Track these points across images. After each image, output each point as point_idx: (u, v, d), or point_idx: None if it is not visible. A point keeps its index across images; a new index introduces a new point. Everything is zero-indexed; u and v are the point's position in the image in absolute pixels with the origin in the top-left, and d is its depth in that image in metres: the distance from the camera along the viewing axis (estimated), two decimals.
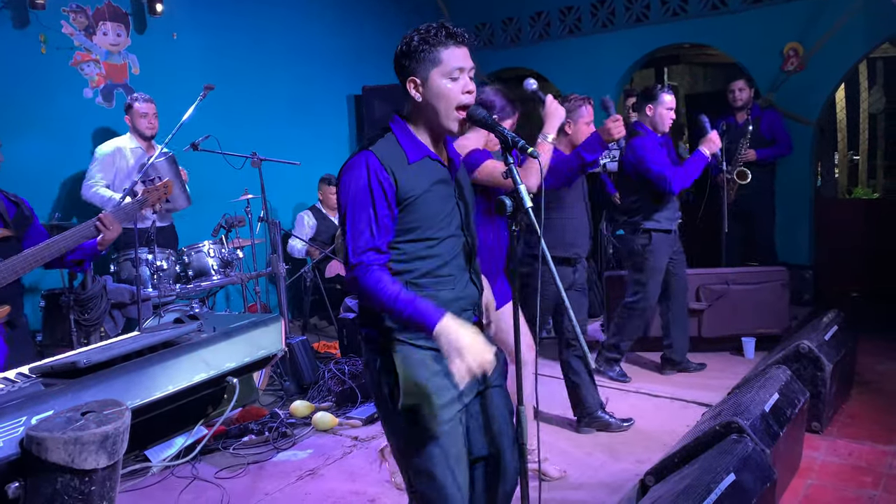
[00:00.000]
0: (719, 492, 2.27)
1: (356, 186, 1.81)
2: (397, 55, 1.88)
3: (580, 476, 3.13)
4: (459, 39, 1.85)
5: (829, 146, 8.11)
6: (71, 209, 4.87)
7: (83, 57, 5.00)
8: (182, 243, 4.78)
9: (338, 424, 3.75)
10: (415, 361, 1.84)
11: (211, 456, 3.45)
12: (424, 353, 1.85)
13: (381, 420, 1.99)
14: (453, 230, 1.90)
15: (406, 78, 1.87)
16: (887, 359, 4.51)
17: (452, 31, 1.85)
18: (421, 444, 1.85)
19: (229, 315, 2.35)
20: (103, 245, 2.71)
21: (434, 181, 1.87)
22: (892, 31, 5.58)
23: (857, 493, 2.91)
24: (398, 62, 1.88)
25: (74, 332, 3.70)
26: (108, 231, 2.66)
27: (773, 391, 2.99)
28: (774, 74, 5.94)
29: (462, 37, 1.86)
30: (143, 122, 4.55)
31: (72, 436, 1.42)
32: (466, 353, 1.68)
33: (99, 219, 2.67)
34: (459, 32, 1.86)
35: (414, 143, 1.89)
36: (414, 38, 1.84)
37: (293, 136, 6.15)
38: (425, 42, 1.83)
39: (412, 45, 1.84)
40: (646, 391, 4.12)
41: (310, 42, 6.46)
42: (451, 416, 1.86)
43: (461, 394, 1.88)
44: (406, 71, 1.87)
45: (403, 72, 1.87)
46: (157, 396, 1.69)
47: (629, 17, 6.65)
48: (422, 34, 1.84)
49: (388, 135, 1.89)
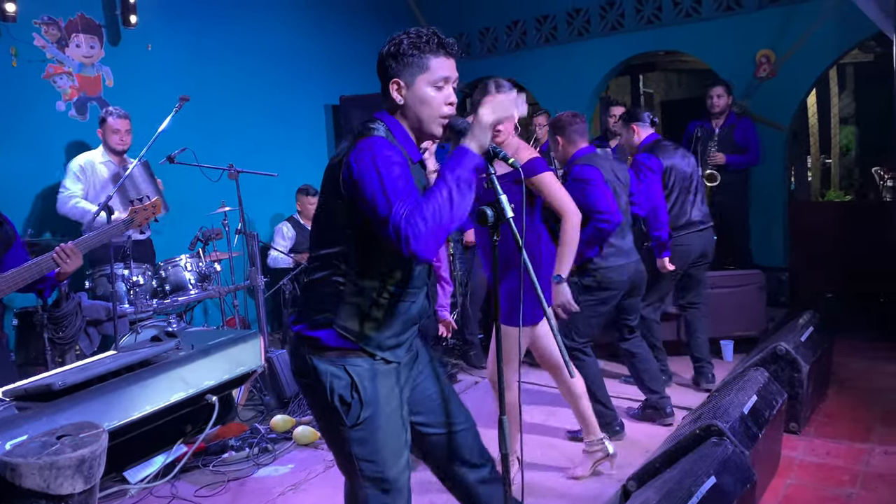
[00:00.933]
0: (700, 495, 2.29)
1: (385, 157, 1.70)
2: (383, 55, 1.87)
3: (563, 483, 3.14)
4: (450, 50, 1.86)
5: (801, 150, 8.25)
6: (44, 224, 4.80)
7: (56, 69, 4.94)
8: (159, 257, 4.73)
9: (319, 438, 3.71)
10: (365, 371, 1.85)
11: (191, 474, 3.40)
12: (375, 362, 1.87)
13: (326, 430, 1.94)
14: None
15: (389, 79, 1.86)
16: (862, 358, 4.58)
17: (444, 40, 1.86)
18: (373, 452, 1.86)
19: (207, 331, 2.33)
20: (61, 278, 2.67)
21: (421, 184, 1.88)
22: (860, 38, 5.69)
23: (835, 492, 2.94)
24: (383, 62, 1.87)
25: (49, 350, 3.63)
26: (65, 265, 2.61)
27: (752, 393, 3.02)
28: (748, 81, 6.03)
29: (452, 48, 1.87)
30: (114, 138, 4.49)
31: (47, 461, 1.39)
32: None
33: (56, 252, 2.62)
34: (450, 43, 1.87)
35: (410, 143, 1.88)
36: (403, 42, 1.83)
37: (271, 147, 6.13)
38: (415, 47, 1.83)
39: (401, 47, 1.83)
40: (626, 396, 4.14)
41: (287, 52, 6.44)
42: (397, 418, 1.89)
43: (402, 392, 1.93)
44: (390, 72, 1.86)
45: (387, 73, 1.86)
46: (135, 417, 1.67)
47: (604, 25, 6.72)
48: (412, 39, 1.83)
49: (383, 128, 1.83)
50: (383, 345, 1.88)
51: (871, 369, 4.37)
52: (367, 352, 1.85)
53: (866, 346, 4.77)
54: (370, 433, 1.85)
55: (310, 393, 1.91)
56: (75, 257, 2.64)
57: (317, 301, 1.88)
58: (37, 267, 2.58)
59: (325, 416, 1.90)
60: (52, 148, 4.92)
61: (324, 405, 1.86)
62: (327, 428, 1.93)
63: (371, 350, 1.86)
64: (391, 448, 1.88)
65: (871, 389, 4.04)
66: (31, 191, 4.83)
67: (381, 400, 1.86)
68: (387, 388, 1.88)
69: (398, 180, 1.67)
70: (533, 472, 3.21)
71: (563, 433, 3.71)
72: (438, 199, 1.62)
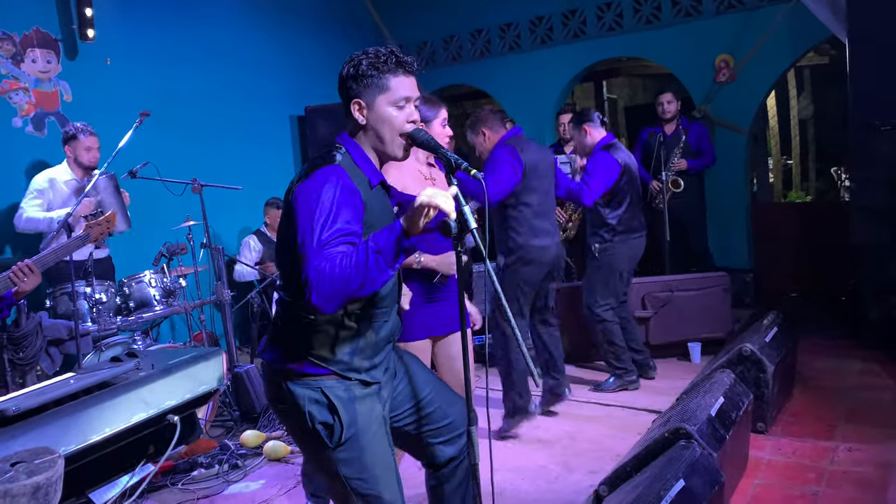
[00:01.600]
0: (669, 498, 2.31)
1: (326, 196, 1.69)
2: (343, 77, 1.86)
3: (535, 490, 3.14)
4: (409, 69, 1.86)
5: (762, 152, 8.41)
6: (3, 243, 4.69)
7: (11, 85, 4.84)
8: (122, 274, 4.63)
9: (290, 453, 3.67)
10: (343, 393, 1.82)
11: (159, 493, 3.34)
12: (351, 385, 1.84)
13: (310, 455, 1.93)
14: None
15: (350, 100, 1.86)
16: (826, 356, 4.67)
17: (402, 59, 1.85)
18: (362, 470, 1.83)
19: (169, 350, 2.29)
20: (19, 297, 2.61)
21: (385, 208, 1.87)
22: (815, 41, 5.83)
23: (801, 490, 2.99)
24: (343, 84, 1.87)
25: (9, 371, 3.52)
26: (23, 283, 2.55)
27: (719, 395, 3.06)
28: (708, 86, 6.14)
29: (412, 66, 1.87)
30: (86, 156, 4.38)
31: (1, 489, 1.35)
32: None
33: (13, 271, 2.56)
34: (409, 61, 1.87)
35: (370, 167, 1.87)
36: (363, 63, 1.83)
37: (235, 160, 6.06)
38: (374, 68, 1.82)
39: (360, 68, 1.83)
40: (596, 400, 4.18)
41: (250, 63, 6.39)
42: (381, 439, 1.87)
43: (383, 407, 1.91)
44: (351, 93, 1.85)
45: (348, 93, 1.86)
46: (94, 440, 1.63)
47: (567, 32, 6.79)
48: (371, 59, 1.83)
49: (343, 153, 1.83)
50: (359, 368, 1.86)
51: (835, 368, 4.46)
52: (341, 375, 1.83)
53: (830, 345, 4.87)
54: (355, 453, 1.82)
55: (287, 418, 1.88)
56: (33, 276, 2.58)
57: (290, 334, 1.85)
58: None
59: (305, 441, 1.88)
60: (10, 165, 4.80)
61: (303, 430, 1.83)
62: (310, 452, 1.91)
63: (346, 374, 1.83)
64: (381, 467, 1.85)
65: (835, 388, 4.12)
66: None
67: (360, 422, 1.83)
68: (366, 411, 1.85)
69: (333, 223, 1.65)
70: (504, 479, 3.21)
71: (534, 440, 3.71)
72: (351, 265, 1.58)
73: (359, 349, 1.84)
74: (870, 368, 4.37)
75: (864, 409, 3.76)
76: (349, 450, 1.82)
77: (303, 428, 1.82)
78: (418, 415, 2.04)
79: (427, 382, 2.09)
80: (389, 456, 1.90)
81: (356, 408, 1.83)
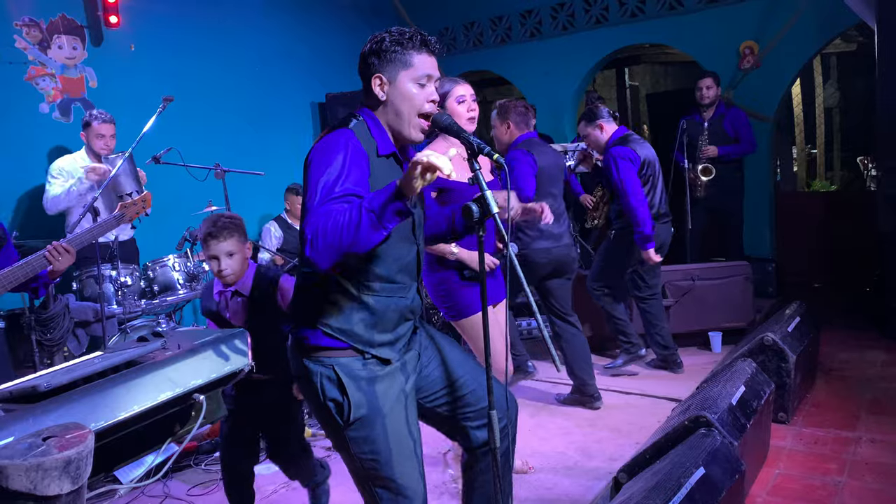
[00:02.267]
0: (689, 486, 2.31)
1: (333, 157, 1.73)
2: (365, 53, 1.88)
3: (554, 475, 3.15)
4: (432, 48, 1.88)
5: (787, 141, 8.30)
6: (29, 227, 4.77)
7: (38, 71, 4.90)
8: (146, 258, 4.70)
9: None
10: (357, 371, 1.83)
11: (182, 473, 3.40)
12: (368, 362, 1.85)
13: (326, 432, 1.94)
14: (406, 234, 1.90)
15: (371, 75, 1.87)
16: (848, 347, 4.62)
17: (427, 38, 1.87)
18: (374, 451, 1.84)
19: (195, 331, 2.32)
20: (55, 276, 2.67)
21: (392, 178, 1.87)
22: (842, 28, 5.73)
23: (823, 481, 2.97)
24: (365, 59, 1.88)
25: (37, 352, 3.62)
26: (57, 262, 2.61)
27: (740, 384, 3.05)
28: (732, 72, 6.06)
29: (435, 46, 1.89)
30: (98, 143, 4.43)
31: (33, 462, 1.39)
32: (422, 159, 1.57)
33: (49, 250, 2.62)
34: (432, 41, 1.88)
35: (384, 138, 1.88)
36: (386, 39, 1.85)
37: (257, 146, 6.10)
38: (398, 44, 1.84)
39: (384, 44, 1.84)
40: (616, 388, 4.17)
41: (272, 51, 6.42)
42: (400, 423, 1.86)
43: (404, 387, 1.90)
44: (372, 68, 1.86)
45: (369, 69, 1.87)
46: (122, 417, 1.66)
47: (588, 19, 6.73)
48: (394, 36, 1.84)
49: (360, 121, 1.86)
50: (372, 342, 1.86)
51: (858, 359, 4.41)
52: (357, 350, 1.84)
53: (853, 336, 4.82)
54: (367, 433, 1.83)
55: (305, 392, 1.92)
56: (68, 255, 2.64)
57: (304, 301, 1.89)
58: (29, 266, 2.58)
59: (321, 417, 1.90)
60: (36, 150, 4.88)
61: (317, 405, 1.87)
62: (326, 428, 1.93)
63: (360, 348, 1.84)
64: (396, 450, 1.85)
65: (857, 379, 4.09)
66: (15, 193, 4.80)
67: (373, 403, 1.83)
68: (382, 391, 1.85)
69: (335, 183, 1.67)
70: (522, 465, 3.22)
71: (554, 427, 3.72)
72: (344, 222, 1.58)
73: (370, 323, 1.85)
74: (893, 360, 4.32)
75: (886, 400, 3.73)
76: (359, 429, 1.83)
77: (317, 403, 1.86)
78: (452, 396, 2.04)
79: (461, 364, 2.08)
80: (406, 438, 1.88)
81: (370, 388, 1.83)
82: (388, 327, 1.89)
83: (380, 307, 1.86)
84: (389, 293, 1.88)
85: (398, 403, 1.88)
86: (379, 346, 1.87)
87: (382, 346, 1.88)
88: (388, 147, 1.87)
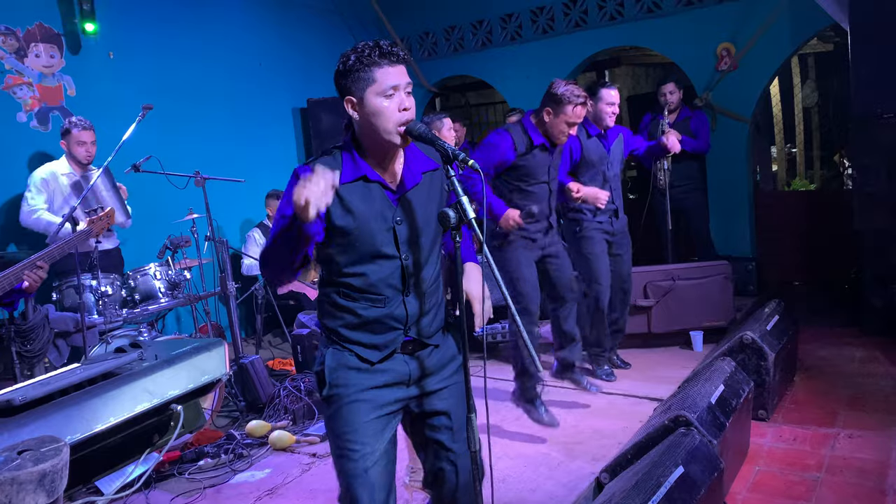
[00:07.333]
0: (668, 485, 2.33)
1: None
2: (335, 75, 1.89)
3: (537, 476, 3.17)
4: (393, 58, 1.86)
5: (766, 141, 8.38)
6: (7, 237, 4.73)
7: (15, 80, 4.87)
8: (127, 267, 4.68)
9: (295, 442, 3.71)
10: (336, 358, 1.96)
11: (166, 482, 3.38)
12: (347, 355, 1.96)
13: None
14: (383, 251, 1.92)
15: (344, 97, 1.89)
16: (827, 344, 4.68)
17: (385, 49, 1.85)
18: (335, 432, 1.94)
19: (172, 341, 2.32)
20: (31, 290, 2.67)
21: (365, 203, 1.88)
22: (817, 29, 5.80)
23: (802, 477, 3.01)
24: (336, 82, 1.90)
25: (17, 364, 3.58)
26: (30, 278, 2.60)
27: (719, 383, 3.08)
28: (709, 74, 6.12)
29: (396, 55, 1.86)
30: (80, 150, 4.42)
31: (8, 476, 1.38)
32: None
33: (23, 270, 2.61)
34: (393, 51, 1.86)
35: (352, 165, 1.91)
36: (350, 58, 1.85)
37: (238, 152, 6.09)
38: (359, 62, 1.84)
39: (348, 64, 1.85)
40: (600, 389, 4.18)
41: (253, 56, 6.41)
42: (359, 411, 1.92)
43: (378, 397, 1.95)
44: (344, 90, 1.88)
45: (341, 91, 1.89)
46: (99, 429, 1.66)
47: (568, 22, 6.77)
48: (357, 53, 1.85)
49: (337, 153, 1.93)
50: (351, 340, 1.96)
51: (837, 356, 4.47)
52: (340, 344, 1.97)
53: (831, 333, 4.88)
54: (333, 412, 1.95)
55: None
56: (41, 270, 2.63)
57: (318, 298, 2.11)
58: (6, 280, 2.56)
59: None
60: (15, 159, 4.84)
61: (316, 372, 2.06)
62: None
63: (342, 344, 1.96)
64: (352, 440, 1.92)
65: (836, 375, 4.14)
66: None
67: (342, 387, 1.93)
68: (353, 381, 1.94)
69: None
70: (507, 466, 3.24)
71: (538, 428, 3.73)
72: (263, 249, 1.86)
73: (353, 326, 1.96)
74: (871, 356, 4.38)
75: (864, 396, 3.78)
76: (328, 407, 1.97)
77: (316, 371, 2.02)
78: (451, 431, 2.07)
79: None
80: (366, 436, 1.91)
81: (342, 374, 1.94)
82: (367, 333, 1.96)
83: (363, 314, 1.95)
84: (372, 303, 1.95)
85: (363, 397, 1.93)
86: (357, 344, 1.96)
87: (363, 347, 1.96)
88: (355, 173, 1.90)
